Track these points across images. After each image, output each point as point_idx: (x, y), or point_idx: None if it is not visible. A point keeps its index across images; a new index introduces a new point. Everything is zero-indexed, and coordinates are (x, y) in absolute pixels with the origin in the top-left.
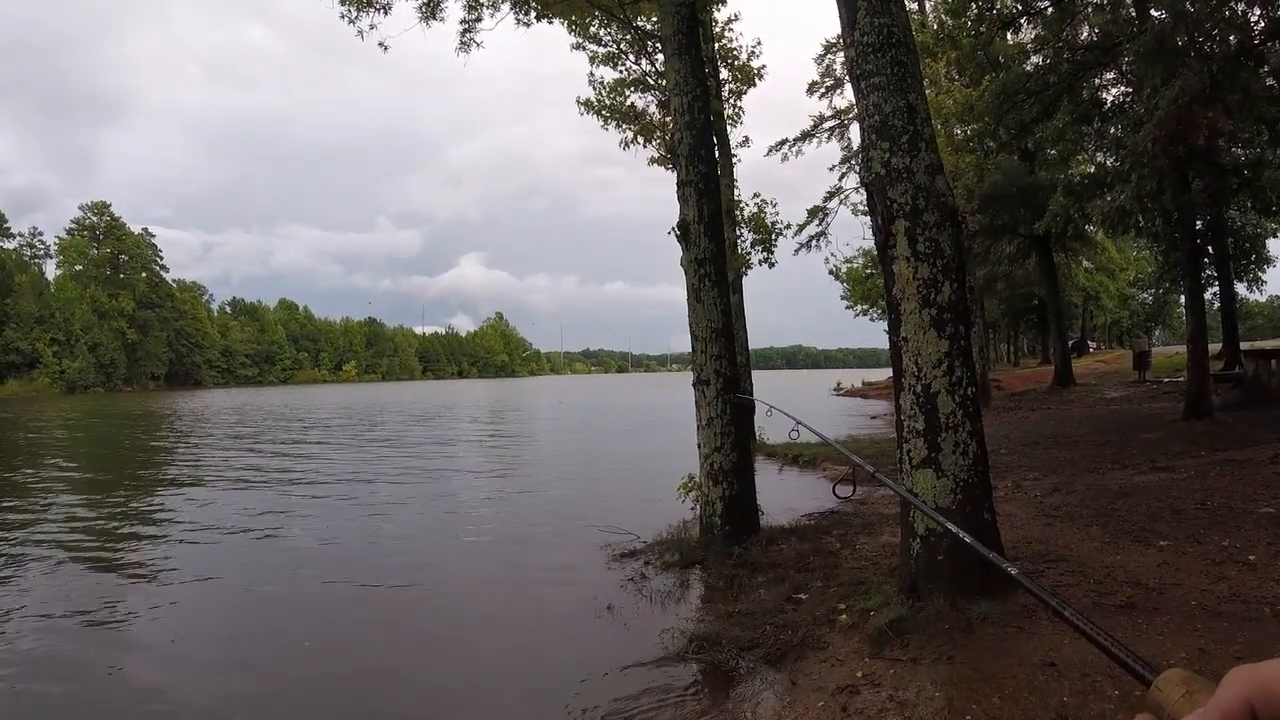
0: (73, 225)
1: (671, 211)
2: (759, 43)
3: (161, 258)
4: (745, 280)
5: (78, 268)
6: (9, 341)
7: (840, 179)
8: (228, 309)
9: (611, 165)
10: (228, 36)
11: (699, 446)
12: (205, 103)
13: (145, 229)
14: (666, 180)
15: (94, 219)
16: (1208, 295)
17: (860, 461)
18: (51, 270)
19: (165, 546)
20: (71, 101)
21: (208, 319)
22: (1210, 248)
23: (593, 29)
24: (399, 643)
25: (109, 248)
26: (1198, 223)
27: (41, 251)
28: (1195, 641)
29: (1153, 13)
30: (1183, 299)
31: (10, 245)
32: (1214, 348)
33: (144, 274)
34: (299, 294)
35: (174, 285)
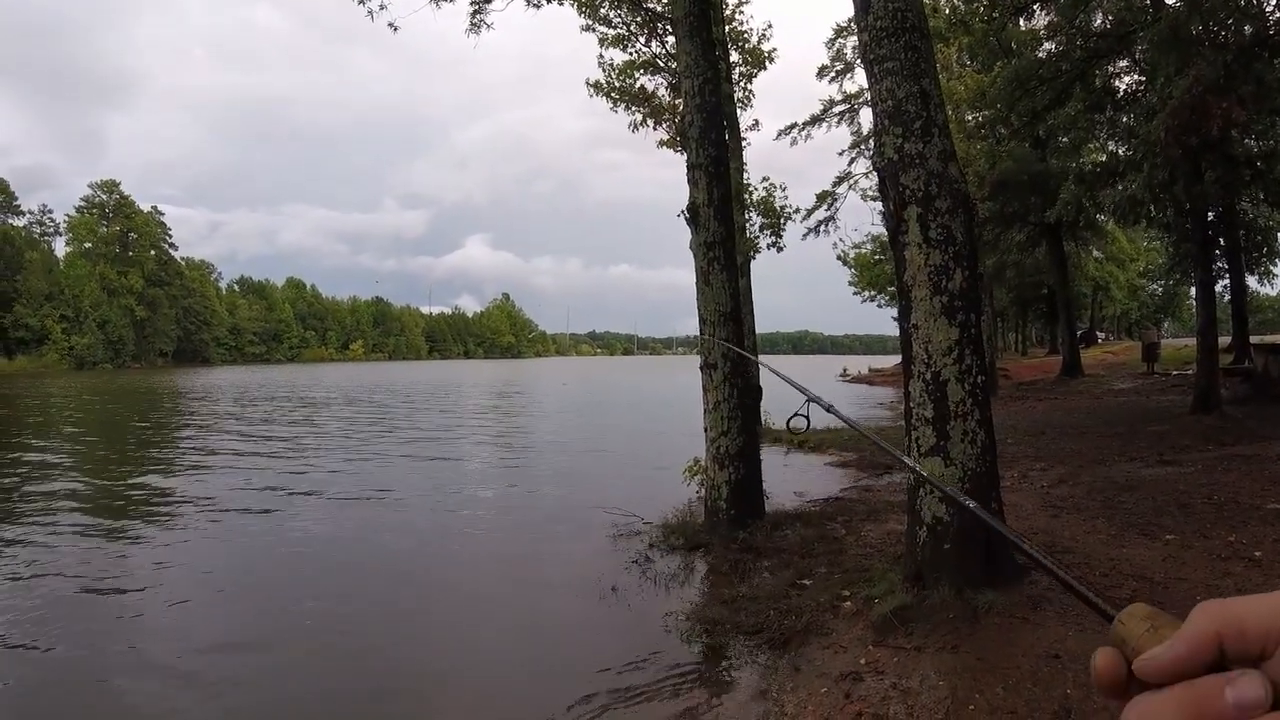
0: (82, 203)
1: (679, 195)
2: (770, 26)
3: (170, 236)
4: (752, 264)
5: (87, 245)
6: (18, 318)
7: (850, 164)
8: (236, 287)
9: (618, 148)
10: (233, 18)
11: (705, 430)
12: (211, 84)
13: (154, 207)
14: (674, 163)
15: (103, 197)
16: (1218, 288)
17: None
18: (61, 248)
19: (166, 529)
20: (78, 83)
21: (216, 297)
22: (1221, 240)
23: (602, 10)
24: (401, 621)
25: (118, 226)
26: (1209, 214)
27: (51, 229)
28: None
29: (1167, 1)
30: (1193, 291)
31: (20, 222)
32: (1223, 341)
33: (153, 252)
34: (305, 272)
35: (182, 263)
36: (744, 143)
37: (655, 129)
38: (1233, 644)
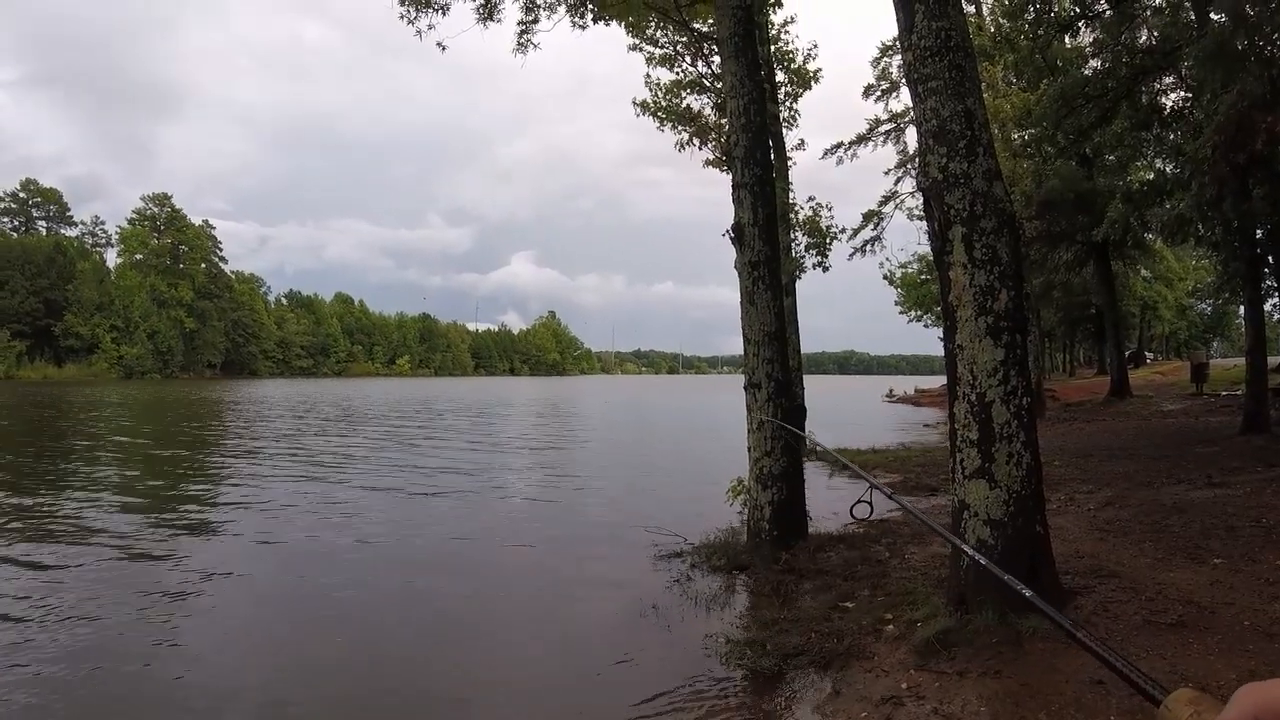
0: (134, 215)
1: (720, 213)
2: (815, 45)
3: (221, 249)
4: (797, 283)
5: (138, 257)
6: (69, 327)
7: (896, 183)
8: (284, 301)
9: (659, 166)
10: (283, 32)
11: (749, 450)
12: (261, 98)
13: (206, 221)
14: (715, 182)
15: (155, 210)
16: (1268, 307)
17: (877, 483)
18: (112, 258)
19: (206, 535)
20: (129, 94)
21: (264, 310)
22: (1271, 257)
23: (649, 30)
24: (439, 636)
25: (170, 238)
26: (1258, 232)
27: (103, 240)
28: (1246, 663)
29: (1212, 16)
30: (1242, 311)
31: (72, 233)
32: (1273, 361)
33: (203, 265)
34: (351, 287)
35: (232, 277)
36: (789, 162)
37: (701, 148)
38: None
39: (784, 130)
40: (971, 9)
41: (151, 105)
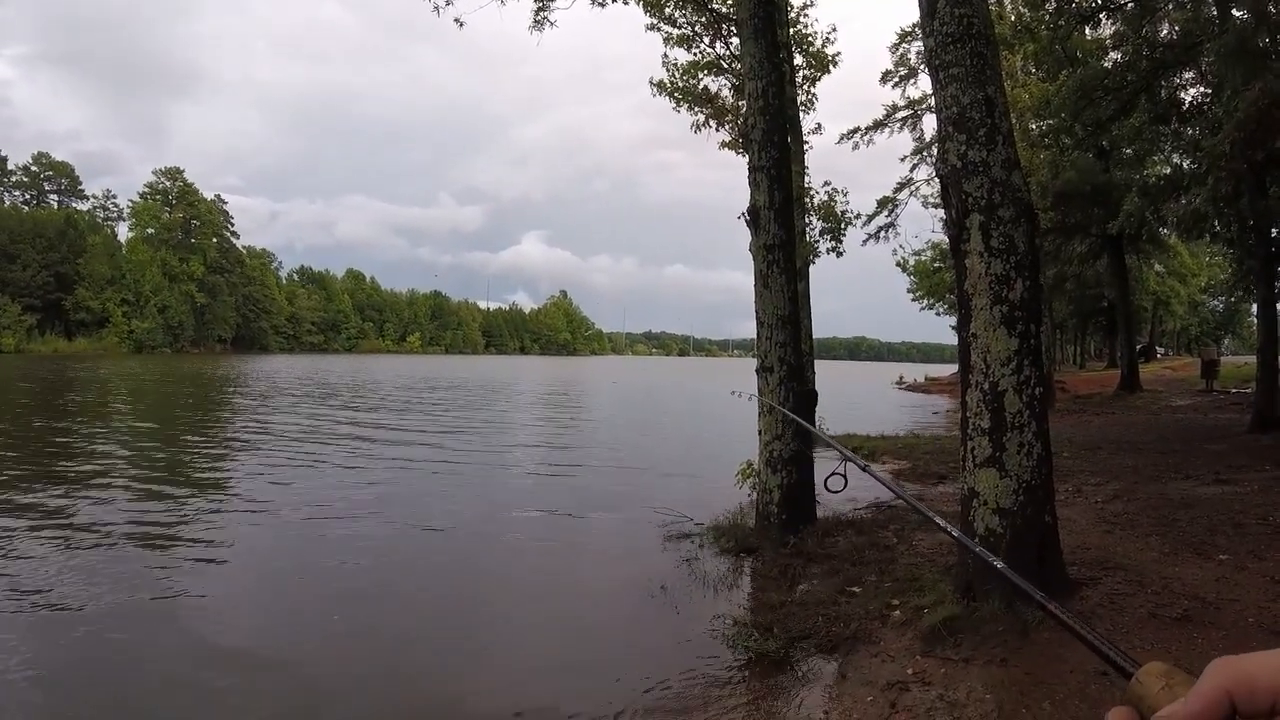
0: (146, 189)
1: (733, 197)
2: (834, 29)
3: (232, 224)
4: (810, 269)
5: (149, 231)
6: (80, 300)
7: (911, 170)
8: (296, 277)
9: (672, 148)
10: (300, 13)
11: (759, 433)
12: (276, 77)
13: (218, 196)
14: (729, 165)
15: (166, 184)
16: None
17: (850, 454)
18: (124, 232)
19: (210, 512)
20: (146, 74)
21: (276, 286)
22: None
23: (668, 10)
24: (443, 613)
25: (181, 213)
26: (1274, 229)
27: (114, 214)
28: None
29: (1234, 13)
30: (1254, 308)
31: (84, 207)
32: None
33: (214, 239)
34: (362, 264)
35: (244, 251)
36: (806, 146)
37: (717, 130)
38: (1244, 701)
39: (801, 114)
40: None
41: (168, 85)
